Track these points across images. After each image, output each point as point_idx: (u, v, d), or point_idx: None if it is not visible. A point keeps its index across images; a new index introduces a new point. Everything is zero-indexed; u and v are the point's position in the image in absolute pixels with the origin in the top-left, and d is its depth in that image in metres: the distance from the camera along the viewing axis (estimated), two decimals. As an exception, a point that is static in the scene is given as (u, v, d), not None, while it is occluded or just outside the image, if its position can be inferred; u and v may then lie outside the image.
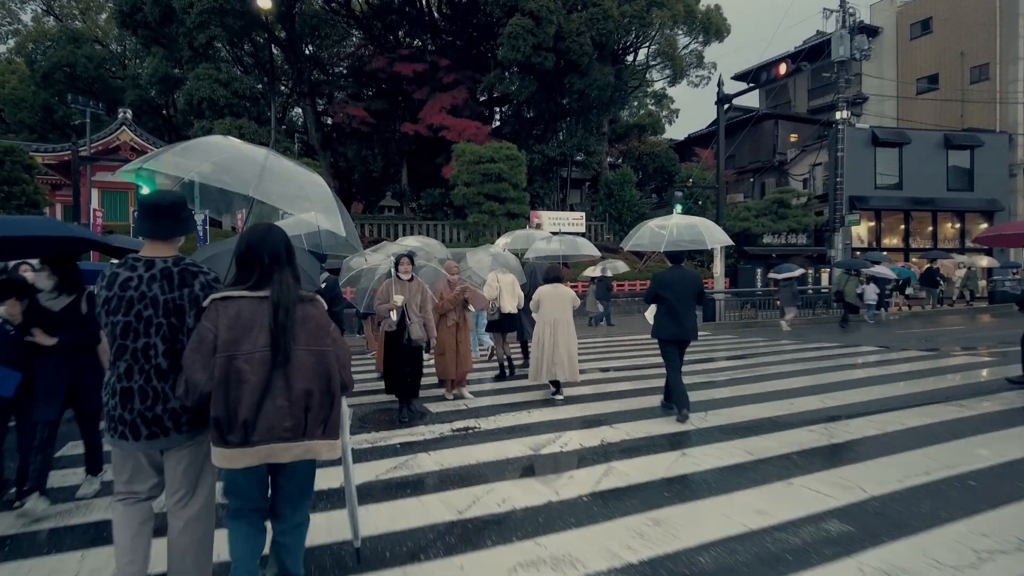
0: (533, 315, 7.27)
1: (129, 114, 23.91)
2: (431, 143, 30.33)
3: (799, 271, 17.78)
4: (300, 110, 33.12)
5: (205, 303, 2.42)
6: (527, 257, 10.55)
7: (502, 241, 11.94)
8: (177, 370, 2.44)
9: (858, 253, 27.97)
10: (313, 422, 2.40)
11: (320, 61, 29.48)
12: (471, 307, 7.41)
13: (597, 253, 11.70)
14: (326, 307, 2.64)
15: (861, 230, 29.48)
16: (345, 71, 30.24)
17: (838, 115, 26.44)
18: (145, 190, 5.20)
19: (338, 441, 2.52)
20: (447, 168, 27.37)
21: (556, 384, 7.19)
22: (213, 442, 2.34)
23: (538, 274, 8.48)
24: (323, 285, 6.18)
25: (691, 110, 62.09)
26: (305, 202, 3.32)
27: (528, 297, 8.32)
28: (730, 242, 8.36)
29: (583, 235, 30.14)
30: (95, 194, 24.72)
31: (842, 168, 26.16)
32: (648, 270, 26.29)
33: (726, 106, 24.59)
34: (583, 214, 30.00)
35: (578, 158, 32.76)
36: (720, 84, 21.20)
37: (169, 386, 2.46)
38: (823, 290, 22.13)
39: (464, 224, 24.01)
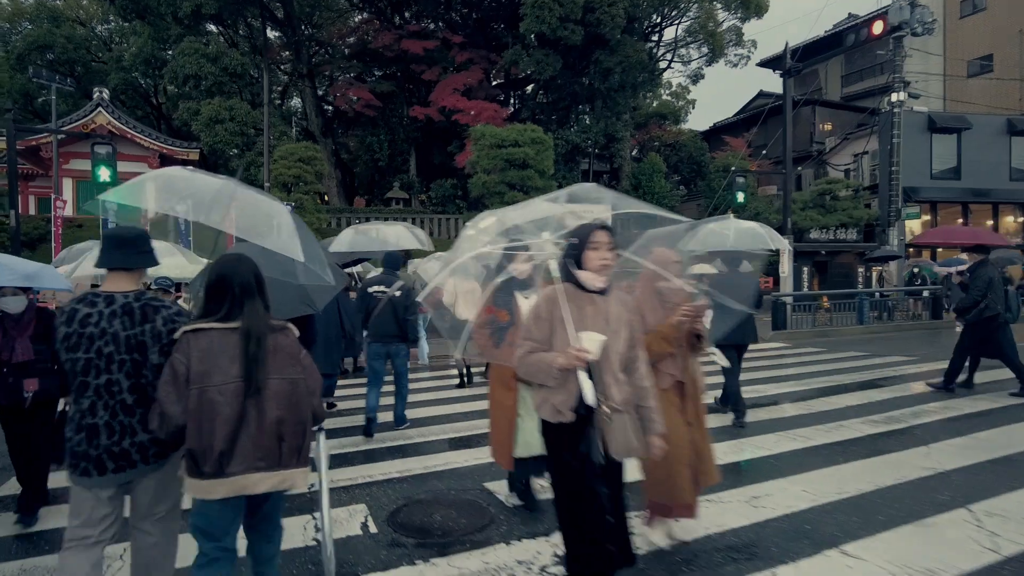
0: None
1: (106, 94, 21.24)
2: (442, 130, 27.64)
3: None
4: (298, 92, 30.42)
5: (176, 335, 2.43)
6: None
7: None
8: (143, 404, 2.47)
9: (910, 250, 25.47)
10: (288, 451, 2.41)
11: (320, 39, 26.78)
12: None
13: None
14: (297, 334, 2.60)
15: (914, 224, 26.97)
16: (348, 51, 27.50)
17: (894, 97, 23.76)
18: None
19: (308, 469, 2.50)
20: (461, 156, 24.70)
21: None
22: (188, 473, 2.36)
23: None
24: (398, 293, 6.10)
25: (709, 101, 59.61)
26: (275, 233, 3.08)
27: None
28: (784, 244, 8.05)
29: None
30: (68, 184, 22.09)
31: (898, 156, 23.51)
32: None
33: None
34: (608, 207, 27.31)
35: (596, 151, 30.16)
36: (786, 53, 18.56)
37: (136, 420, 2.48)
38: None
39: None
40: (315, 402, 2.54)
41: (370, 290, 6.23)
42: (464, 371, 8.80)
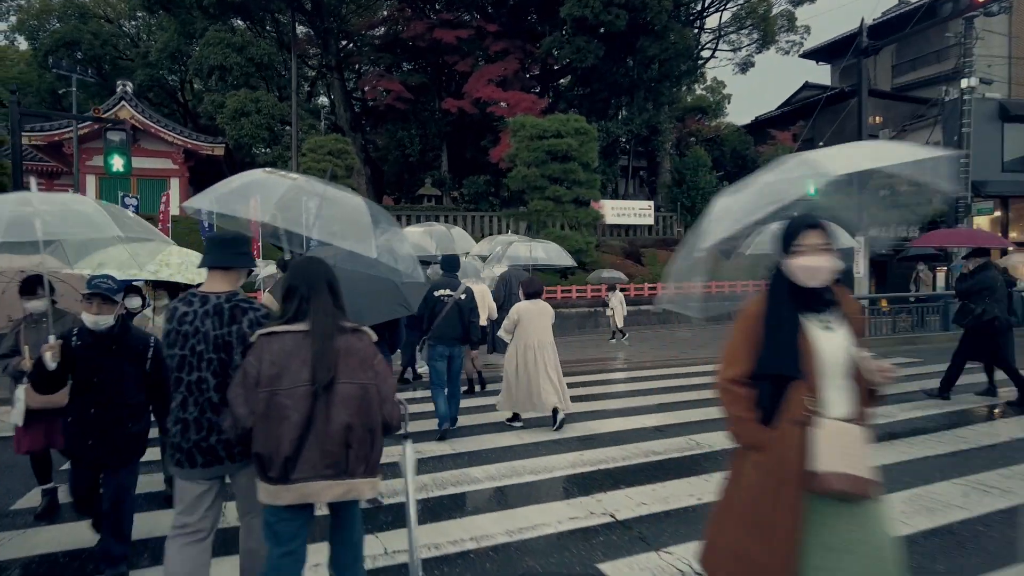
0: (504, 335, 6.46)
1: (129, 87, 20.40)
2: (475, 124, 26.43)
3: None
4: (326, 87, 29.49)
5: (252, 339, 2.41)
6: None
7: (479, 248, 10.93)
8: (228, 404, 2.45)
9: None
10: (355, 459, 2.34)
11: (348, 30, 25.78)
12: None
13: (572, 263, 10.91)
14: (374, 338, 2.54)
15: (982, 221, 25.08)
16: (377, 42, 26.42)
17: (964, 83, 22.00)
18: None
19: (378, 479, 2.45)
20: (496, 151, 23.47)
21: (554, 412, 6.27)
22: (258, 477, 2.32)
23: (514, 284, 7.93)
24: (463, 296, 6.13)
25: (744, 96, 57.72)
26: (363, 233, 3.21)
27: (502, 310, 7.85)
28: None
29: (651, 228, 26.52)
30: (91, 181, 21.35)
31: (968, 147, 21.74)
32: (736, 269, 22.09)
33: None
34: (651, 203, 25.91)
35: (634, 144, 28.70)
36: (862, 29, 17.05)
37: (221, 419, 2.48)
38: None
39: (521, 214, 20.05)
40: (388, 409, 2.47)
41: (437, 294, 6.11)
42: (475, 375, 8.56)
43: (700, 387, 8.68)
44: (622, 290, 15.78)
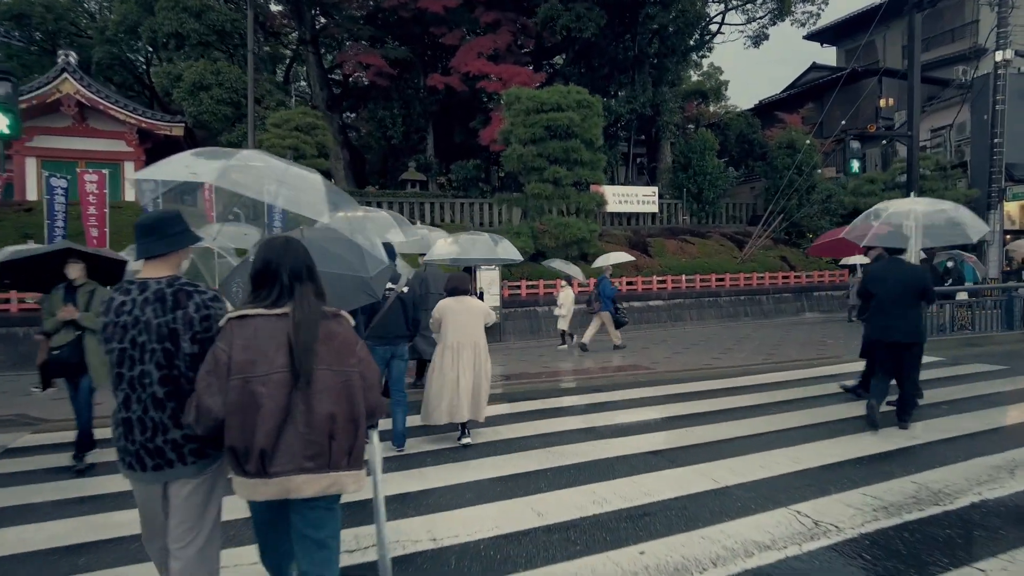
0: (434, 335, 5.96)
1: (73, 57, 18.00)
2: (464, 103, 24.21)
3: None
4: (301, 63, 27.10)
5: (221, 323, 2.28)
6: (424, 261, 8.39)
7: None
8: (175, 398, 2.32)
9: (1008, 237, 21.82)
10: (338, 451, 2.22)
11: (324, 1, 23.39)
12: None
13: (519, 257, 9.39)
14: (352, 323, 2.44)
15: (1012, 208, 23.36)
16: (357, 13, 24.05)
17: (998, 55, 20.13)
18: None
19: (364, 472, 2.33)
20: (486, 131, 21.30)
21: (462, 426, 5.71)
22: (233, 470, 2.22)
23: (431, 283, 7.46)
24: (406, 289, 5.64)
25: (740, 82, 55.92)
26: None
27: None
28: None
29: (655, 215, 24.52)
30: (31, 164, 18.95)
31: (1001, 126, 19.90)
32: (751, 260, 20.19)
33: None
34: (655, 189, 23.85)
35: (636, 126, 26.63)
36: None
37: (168, 416, 2.32)
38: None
39: (514, 199, 17.90)
40: (372, 397, 2.38)
41: None
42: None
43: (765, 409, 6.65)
44: (581, 286, 13.70)
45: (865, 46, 35.65)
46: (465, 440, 5.73)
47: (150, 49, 28.22)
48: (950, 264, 13.42)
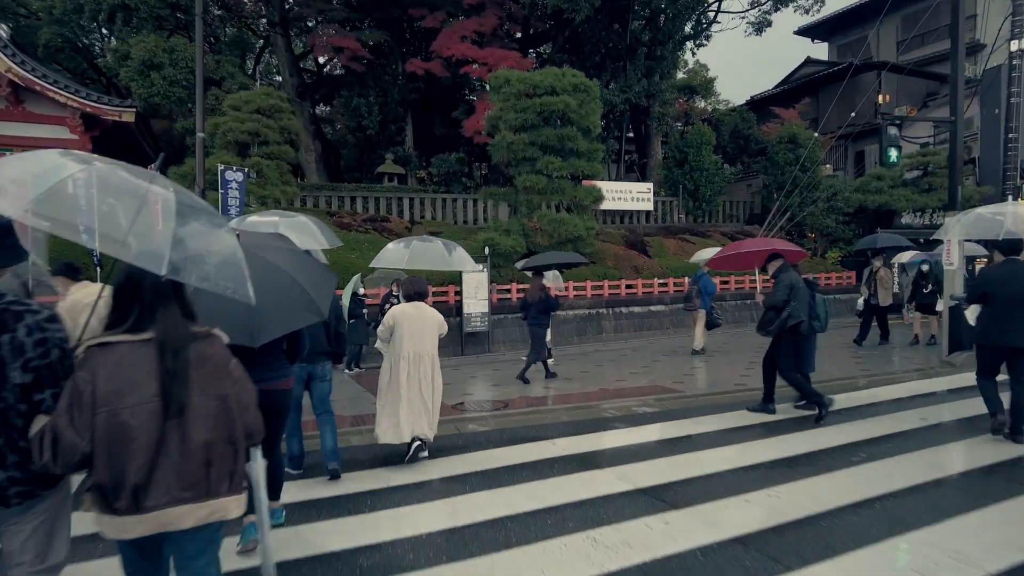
0: (380, 347, 5.69)
1: (3, 31, 15.95)
2: (446, 92, 22.54)
3: None
4: (268, 48, 25.15)
5: (79, 351, 2.09)
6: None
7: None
8: (1, 435, 2.04)
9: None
10: (217, 478, 2.12)
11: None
12: None
13: (475, 267, 9.35)
14: (226, 340, 2.29)
15: None
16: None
17: (1014, 45, 18.95)
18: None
19: (244, 496, 2.23)
20: (470, 121, 19.68)
21: (419, 444, 5.27)
22: (99, 510, 2.07)
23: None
24: None
25: (727, 79, 54.86)
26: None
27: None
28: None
29: (649, 213, 23.10)
30: (-44, 152, 16.79)
31: (1017, 120, 18.65)
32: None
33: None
34: (650, 186, 22.40)
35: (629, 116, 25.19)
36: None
37: None
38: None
39: (503, 193, 16.23)
40: (249, 418, 2.26)
41: None
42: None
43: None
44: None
45: (858, 41, 34.83)
46: (423, 455, 5.27)
47: (105, 32, 26.13)
48: (925, 268, 12.01)
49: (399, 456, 5.30)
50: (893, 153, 12.18)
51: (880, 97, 29.77)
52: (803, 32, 35.93)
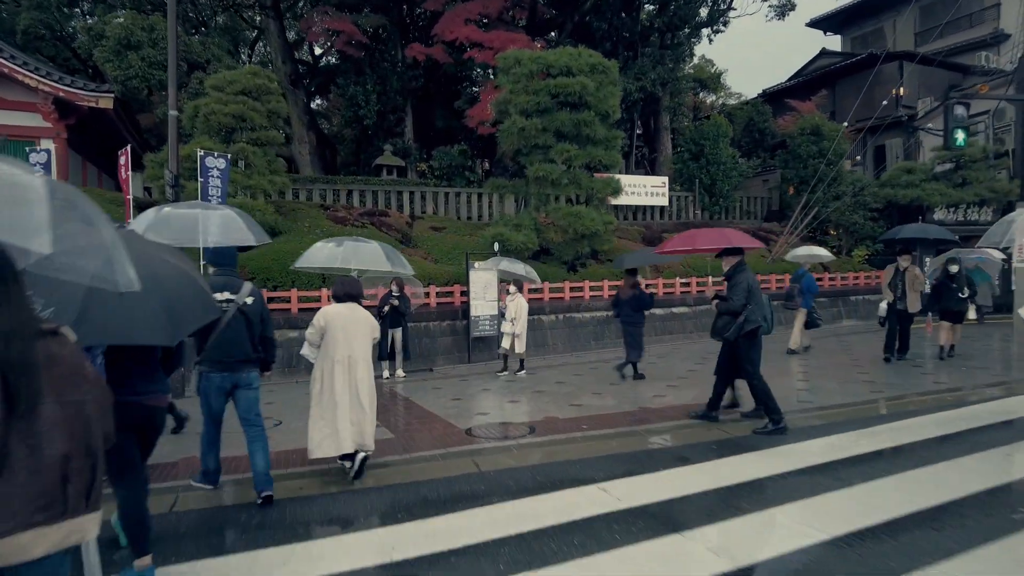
0: (308, 352, 5.09)
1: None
2: (449, 80, 21.28)
3: None
4: (260, 33, 23.80)
5: None
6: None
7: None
8: None
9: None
10: (76, 494, 1.77)
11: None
12: None
13: (411, 271, 8.26)
14: (73, 339, 1.90)
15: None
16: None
17: (1054, 30, 17.70)
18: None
19: (100, 514, 1.90)
20: (474, 110, 18.38)
21: (351, 455, 4.81)
22: None
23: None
24: (249, 300, 4.50)
25: (735, 72, 53.72)
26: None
27: None
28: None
29: (664, 208, 21.86)
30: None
31: (1056, 109, 17.38)
32: (780, 260, 17.53)
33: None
34: (664, 180, 21.16)
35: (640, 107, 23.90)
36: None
37: None
38: None
39: (512, 186, 14.92)
40: (108, 425, 1.94)
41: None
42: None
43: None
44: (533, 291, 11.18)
45: (872, 34, 33.63)
46: (360, 472, 4.83)
47: (88, 18, 24.72)
48: (954, 268, 10.05)
49: (339, 474, 4.77)
50: (959, 135, 10.96)
51: (900, 90, 28.54)
52: (815, 24, 34.80)
